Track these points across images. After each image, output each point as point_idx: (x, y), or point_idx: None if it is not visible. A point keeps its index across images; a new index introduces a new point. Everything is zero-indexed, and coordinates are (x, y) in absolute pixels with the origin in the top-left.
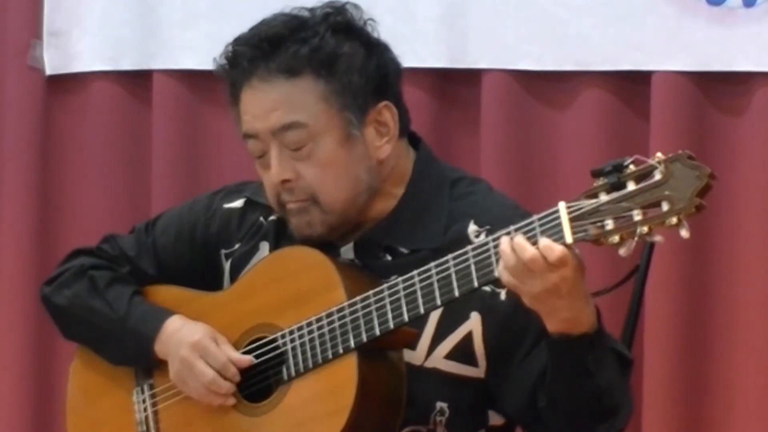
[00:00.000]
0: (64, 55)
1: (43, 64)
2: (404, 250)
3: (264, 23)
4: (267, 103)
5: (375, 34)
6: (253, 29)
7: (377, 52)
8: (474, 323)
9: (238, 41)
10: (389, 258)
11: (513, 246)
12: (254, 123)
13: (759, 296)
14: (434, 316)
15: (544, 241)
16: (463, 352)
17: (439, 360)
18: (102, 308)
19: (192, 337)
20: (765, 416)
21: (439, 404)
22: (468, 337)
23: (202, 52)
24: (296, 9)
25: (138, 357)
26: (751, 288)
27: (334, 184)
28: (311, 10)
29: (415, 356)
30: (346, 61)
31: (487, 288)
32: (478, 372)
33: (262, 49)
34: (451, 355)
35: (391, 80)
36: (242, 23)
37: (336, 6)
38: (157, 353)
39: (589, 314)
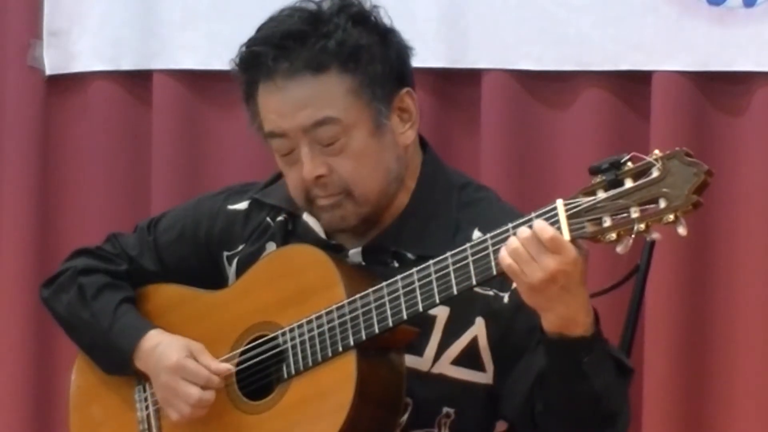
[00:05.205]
0: (64, 55)
1: (43, 64)
2: (411, 256)
3: (277, 20)
4: (294, 100)
5: (385, 21)
6: (267, 28)
7: (393, 39)
8: (479, 328)
9: (255, 41)
10: (396, 264)
11: (516, 232)
12: (281, 122)
13: (759, 296)
14: (440, 323)
15: (539, 223)
16: (469, 357)
17: (446, 366)
18: (89, 319)
19: (169, 360)
20: (765, 416)
21: (446, 409)
22: (473, 342)
23: (202, 52)
24: (301, 3)
25: (122, 369)
26: (751, 288)
27: (368, 175)
28: (318, 3)
29: (421, 362)
30: (369, 52)
31: (490, 292)
32: (487, 377)
33: (287, 47)
34: (457, 361)
35: (408, 66)
36: (242, 23)
37: None
38: (139, 368)
39: (586, 317)
